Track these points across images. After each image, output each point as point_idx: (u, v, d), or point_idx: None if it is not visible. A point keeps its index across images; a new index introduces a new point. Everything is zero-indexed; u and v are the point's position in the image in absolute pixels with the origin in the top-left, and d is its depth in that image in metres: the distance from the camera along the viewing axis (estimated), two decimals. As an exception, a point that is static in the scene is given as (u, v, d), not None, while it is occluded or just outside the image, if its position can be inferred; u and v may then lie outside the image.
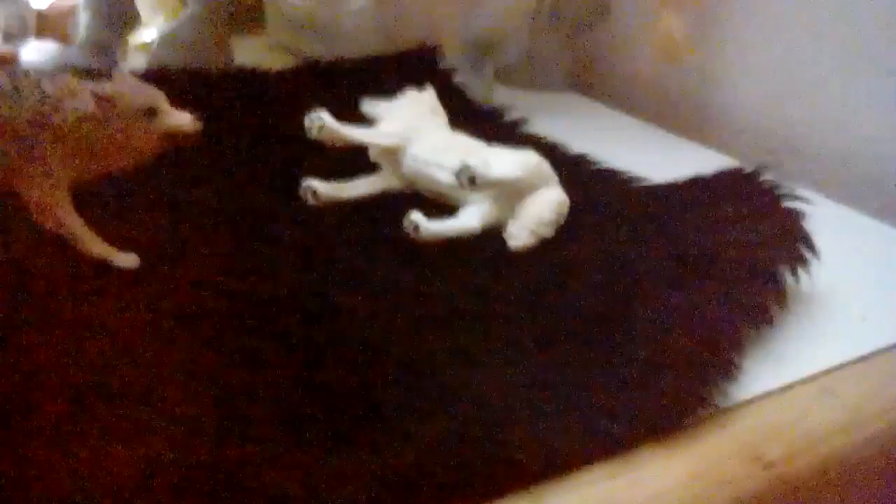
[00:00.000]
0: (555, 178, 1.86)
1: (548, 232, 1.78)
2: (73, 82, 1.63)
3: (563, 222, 1.82)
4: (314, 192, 1.91)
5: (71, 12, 2.92)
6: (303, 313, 1.53)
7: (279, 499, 1.13)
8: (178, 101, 1.65)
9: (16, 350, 1.42)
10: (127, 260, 1.66)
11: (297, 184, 1.92)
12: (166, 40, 2.94)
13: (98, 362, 1.39)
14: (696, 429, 1.37)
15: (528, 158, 1.84)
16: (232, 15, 3.00)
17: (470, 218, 1.80)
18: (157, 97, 1.62)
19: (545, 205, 1.79)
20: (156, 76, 2.43)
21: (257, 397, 1.32)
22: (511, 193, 1.79)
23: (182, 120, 1.62)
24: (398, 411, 1.30)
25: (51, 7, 3.05)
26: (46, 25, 2.99)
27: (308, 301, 1.57)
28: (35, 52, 2.90)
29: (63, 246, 1.67)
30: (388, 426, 1.27)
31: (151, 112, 1.61)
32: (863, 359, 1.59)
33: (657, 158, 2.28)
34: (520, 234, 1.76)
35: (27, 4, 2.99)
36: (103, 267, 1.64)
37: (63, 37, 2.92)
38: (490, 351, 1.45)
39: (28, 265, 1.64)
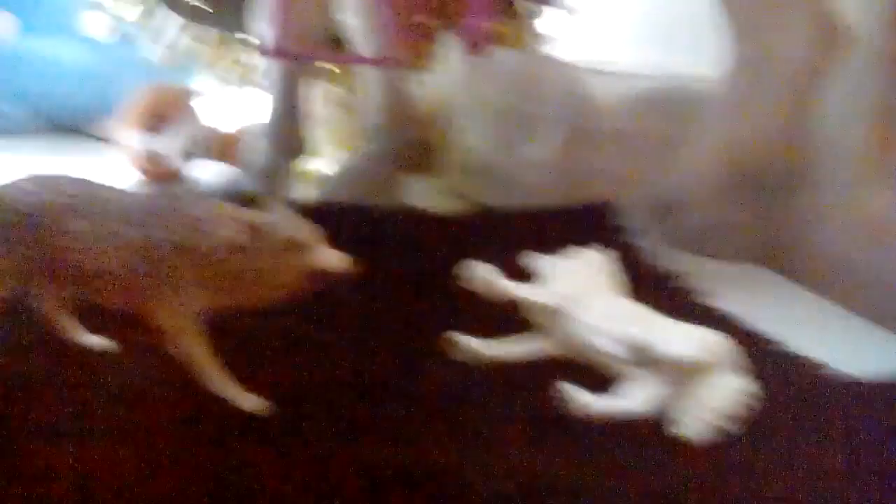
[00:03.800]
0: (737, 362, 1.62)
1: (726, 425, 1.53)
2: (225, 208, 1.54)
3: (744, 415, 1.56)
4: (463, 349, 1.75)
5: (247, 137, 2.97)
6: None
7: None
8: (340, 236, 1.55)
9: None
10: (253, 403, 1.53)
11: (443, 334, 1.78)
12: (341, 174, 2.94)
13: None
14: None
15: (708, 337, 1.61)
16: (409, 155, 2.98)
17: (635, 397, 1.58)
18: (309, 233, 1.51)
19: (725, 394, 1.55)
20: (323, 209, 2.40)
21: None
22: (686, 375, 1.56)
23: (332, 260, 1.50)
24: None
25: (232, 130, 3.12)
26: (226, 147, 3.04)
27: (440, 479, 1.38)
28: (206, 173, 2.95)
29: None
30: None
31: (301, 248, 1.49)
32: None
33: (852, 348, 2.01)
34: (694, 424, 1.52)
35: (208, 126, 3.07)
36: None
37: (238, 160, 2.95)
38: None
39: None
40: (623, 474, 1.41)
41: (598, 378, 1.64)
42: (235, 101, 3.37)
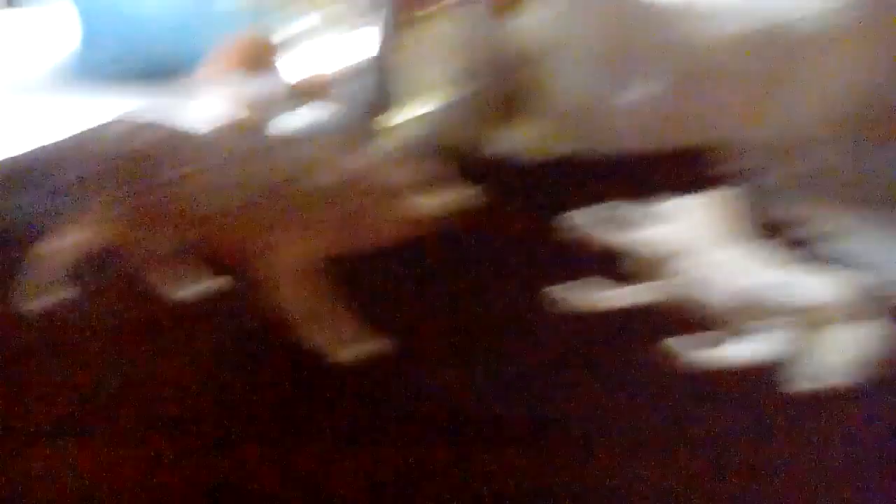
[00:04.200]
0: (865, 309, 1.51)
1: (856, 376, 1.43)
2: (323, 151, 1.49)
3: (869, 364, 1.46)
4: (566, 301, 1.68)
5: (337, 82, 2.94)
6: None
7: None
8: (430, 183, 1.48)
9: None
10: (344, 355, 1.49)
11: (543, 285, 1.71)
12: (432, 120, 2.87)
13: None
14: None
15: (833, 284, 1.51)
16: (502, 101, 2.89)
17: (751, 348, 1.49)
18: (409, 178, 1.44)
19: (851, 342, 1.45)
20: (415, 155, 2.35)
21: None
22: (811, 323, 1.47)
23: (433, 204, 1.43)
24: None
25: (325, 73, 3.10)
26: (319, 90, 3.02)
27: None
28: (300, 117, 2.92)
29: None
30: None
31: (402, 190, 1.44)
32: None
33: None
34: (822, 375, 1.42)
35: (297, 71, 3.07)
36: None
37: (332, 102, 2.93)
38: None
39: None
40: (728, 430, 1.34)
41: (712, 328, 1.56)
42: (326, 44, 3.33)
